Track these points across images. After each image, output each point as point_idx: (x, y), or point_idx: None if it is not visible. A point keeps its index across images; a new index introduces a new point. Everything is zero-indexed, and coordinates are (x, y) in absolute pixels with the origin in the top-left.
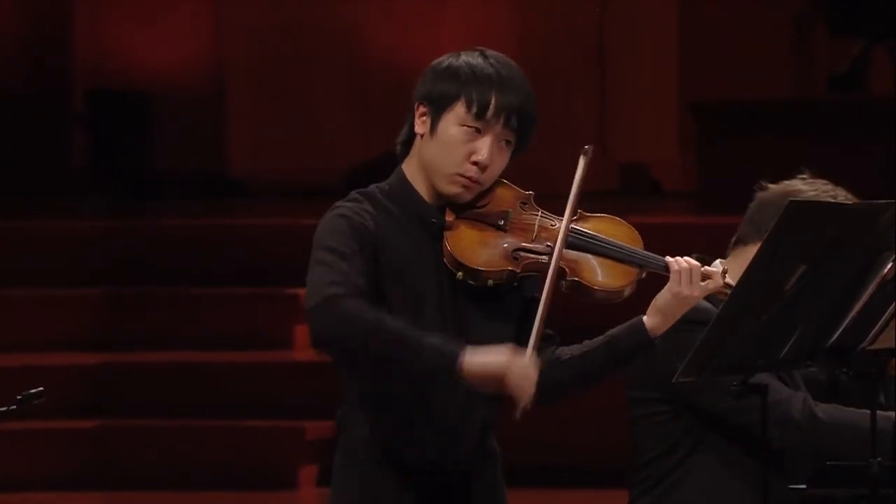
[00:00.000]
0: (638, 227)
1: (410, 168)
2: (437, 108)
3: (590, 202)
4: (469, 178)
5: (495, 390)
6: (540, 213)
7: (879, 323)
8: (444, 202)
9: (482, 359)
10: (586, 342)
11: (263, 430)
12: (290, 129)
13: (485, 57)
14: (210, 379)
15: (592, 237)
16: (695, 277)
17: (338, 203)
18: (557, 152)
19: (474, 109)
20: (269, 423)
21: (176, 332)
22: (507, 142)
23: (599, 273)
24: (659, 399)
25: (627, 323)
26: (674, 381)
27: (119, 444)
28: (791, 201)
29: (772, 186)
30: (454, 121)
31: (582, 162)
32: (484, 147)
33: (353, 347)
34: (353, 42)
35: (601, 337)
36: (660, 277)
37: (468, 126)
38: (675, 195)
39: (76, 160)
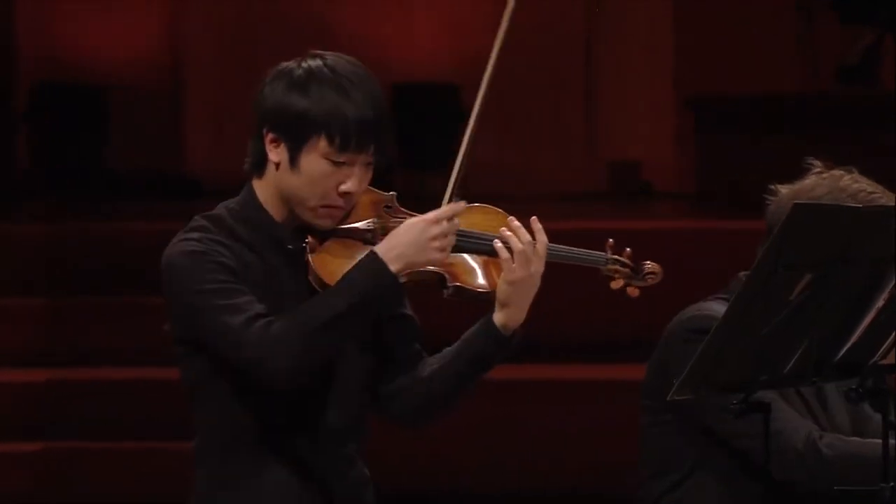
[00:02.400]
0: (628, 232)
1: (263, 190)
2: (295, 143)
3: (576, 205)
4: (337, 208)
5: (430, 256)
6: (406, 216)
7: (892, 336)
8: (301, 223)
9: (396, 242)
10: (445, 350)
11: None
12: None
13: (333, 71)
14: (164, 397)
15: (467, 234)
16: (528, 250)
17: (184, 234)
18: (542, 151)
19: (338, 143)
20: None
21: (127, 345)
22: (373, 163)
23: (480, 274)
24: (666, 409)
25: (478, 323)
26: (668, 398)
27: (64, 468)
28: (796, 204)
29: (782, 188)
30: (317, 154)
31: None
32: (352, 178)
33: (319, 359)
34: (320, 34)
35: (457, 343)
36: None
37: (333, 160)
38: (669, 197)
39: (20, 159)
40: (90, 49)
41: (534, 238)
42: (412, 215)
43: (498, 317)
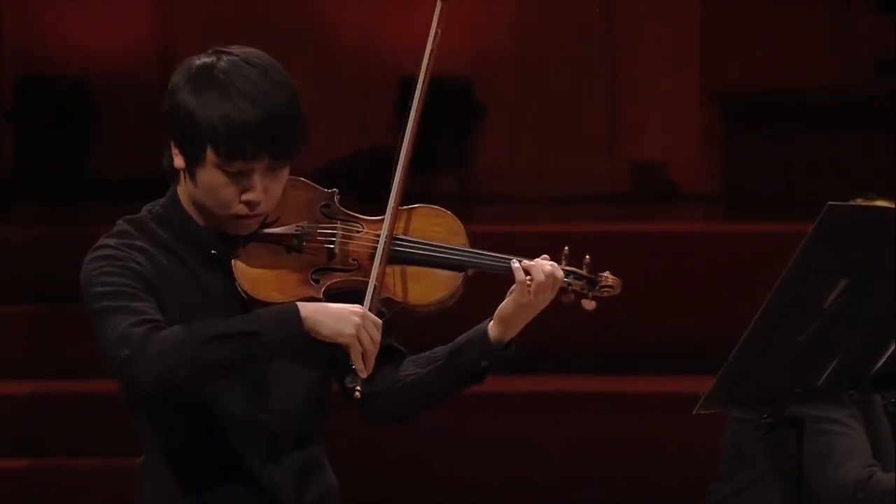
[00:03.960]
0: (653, 236)
1: (183, 192)
2: (188, 154)
3: (596, 207)
4: (249, 217)
5: (340, 340)
6: (342, 218)
7: None
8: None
9: (324, 311)
10: (432, 353)
11: None
12: None
13: (226, 73)
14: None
15: (406, 242)
16: (546, 281)
17: (103, 239)
18: (560, 150)
19: (224, 154)
20: None
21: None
22: (282, 167)
23: (416, 285)
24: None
25: (470, 333)
26: (694, 412)
27: (52, 486)
28: (830, 205)
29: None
30: (210, 165)
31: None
32: (252, 185)
33: (188, 376)
34: (320, 27)
35: (446, 349)
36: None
37: (225, 171)
38: (696, 199)
39: (3, 159)
40: (78, 42)
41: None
42: (351, 217)
43: (494, 330)
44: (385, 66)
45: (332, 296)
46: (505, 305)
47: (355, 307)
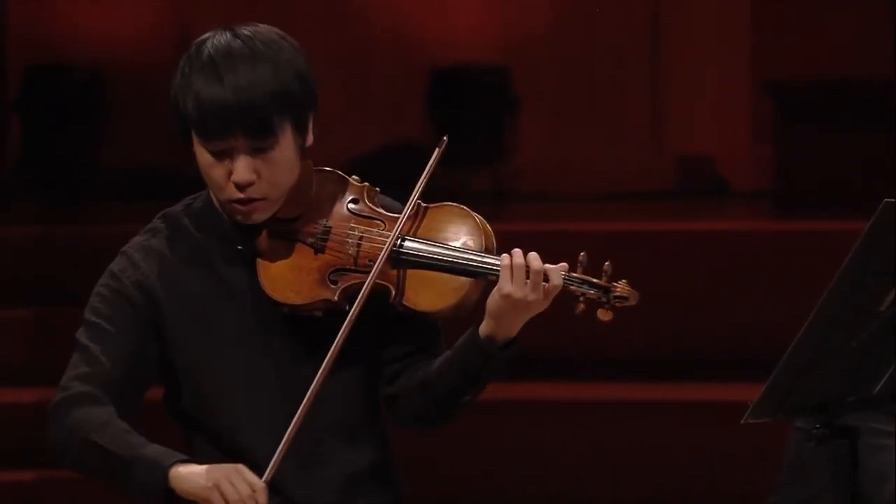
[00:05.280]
0: (701, 234)
1: None
2: (185, 140)
3: (641, 205)
4: (246, 202)
5: (200, 494)
6: (368, 215)
7: None
8: (255, 224)
9: (191, 475)
10: (440, 361)
11: None
12: None
13: (216, 49)
14: (165, 419)
15: (418, 249)
16: (532, 277)
17: (131, 241)
18: (601, 144)
19: (199, 131)
20: None
21: None
22: (267, 148)
23: (427, 291)
24: None
25: (464, 335)
26: (742, 421)
27: (58, 499)
28: (886, 202)
29: None
30: (198, 146)
31: (435, 155)
32: (237, 166)
33: (72, 465)
34: (348, 15)
35: (446, 353)
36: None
37: (209, 150)
38: (747, 196)
39: (9, 152)
40: (88, 31)
41: (547, 276)
42: (377, 214)
43: (483, 327)
44: (416, 56)
45: (350, 297)
46: (489, 300)
47: (224, 469)
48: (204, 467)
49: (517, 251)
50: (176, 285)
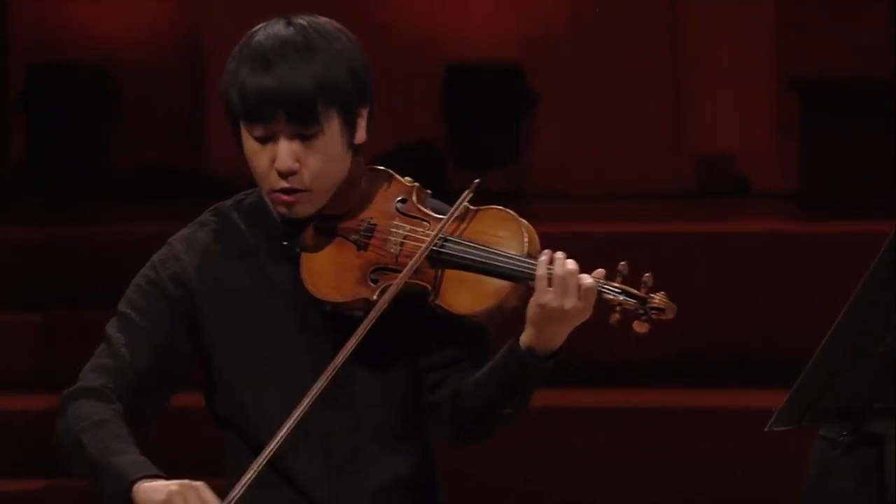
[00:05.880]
0: (722, 236)
1: None
2: (233, 123)
3: (661, 205)
4: (283, 191)
5: None
6: (414, 215)
7: None
8: (302, 219)
9: (151, 488)
10: (481, 372)
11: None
12: None
13: (267, 36)
14: (178, 425)
15: (460, 246)
16: (567, 285)
17: (178, 233)
18: (621, 142)
19: (242, 116)
20: None
21: None
22: (310, 135)
23: (463, 292)
24: None
25: (505, 345)
26: (767, 428)
27: None
28: None
29: None
30: (245, 133)
31: (467, 194)
32: (279, 152)
33: (65, 456)
34: (361, 7)
35: (489, 363)
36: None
37: (254, 136)
38: (769, 196)
39: (14, 151)
40: (95, 26)
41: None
42: (424, 215)
43: (524, 337)
44: (430, 53)
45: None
46: (528, 309)
47: (193, 485)
48: (168, 483)
49: (557, 256)
50: (217, 280)
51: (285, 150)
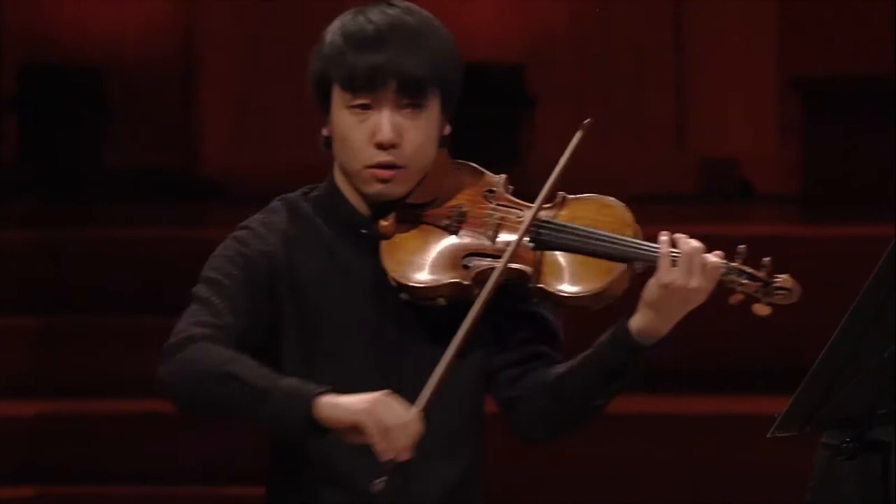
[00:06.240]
0: (725, 239)
1: (337, 171)
2: (324, 103)
3: (662, 207)
4: (381, 167)
5: (357, 441)
6: (505, 205)
7: None
8: (379, 207)
9: (340, 400)
10: (575, 359)
11: (241, 500)
12: (278, 118)
13: (355, 15)
14: (174, 434)
15: (561, 228)
16: (694, 262)
17: (250, 218)
18: (624, 145)
19: (346, 84)
20: (247, 490)
21: (130, 373)
22: (416, 106)
23: (570, 274)
24: None
25: (610, 328)
26: (769, 435)
27: None
28: None
29: None
30: (340, 106)
31: (577, 137)
32: (381, 122)
33: (191, 396)
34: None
35: (587, 350)
36: None
37: (353, 106)
38: (773, 199)
39: (6, 152)
40: (88, 26)
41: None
42: (515, 203)
43: (636, 321)
44: None
45: (481, 283)
46: (647, 289)
47: (372, 396)
48: (354, 399)
49: (678, 236)
50: (295, 264)
51: (389, 123)
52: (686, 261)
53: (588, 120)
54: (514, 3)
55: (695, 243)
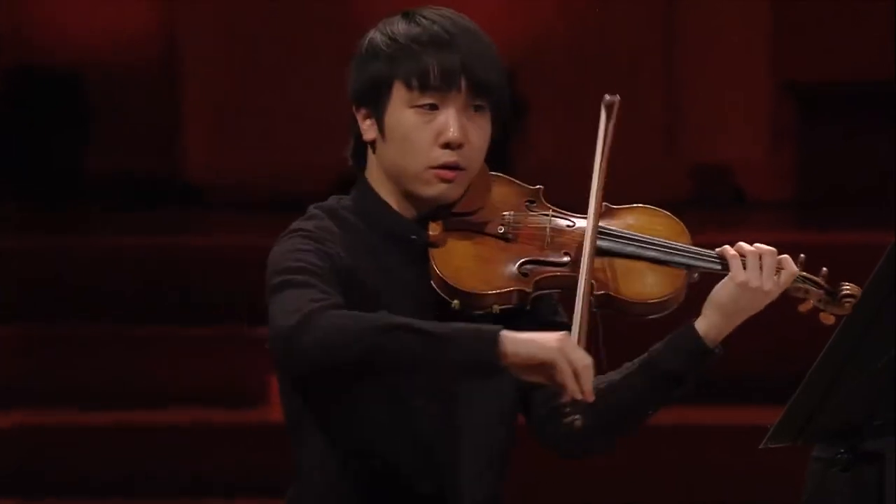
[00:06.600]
0: (718, 246)
1: (375, 180)
2: (377, 103)
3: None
4: (446, 167)
5: (543, 378)
6: (552, 213)
7: None
8: (424, 213)
9: (527, 336)
10: (626, 365)
11: None
12: (262, 123)
13: (409, 18)
14: (158, 446)
15: (622, 236)
16: (766, 263)
17: (294, 223)
18: (616, 151)
19: (415, 82)
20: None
21: (115, 384)
22: (478, 107)
23: (635, 281)
24: None
25: (674, 332)
26: (761, 446)
27: None
28: None
29: None
30: (401, 106)
31: (603, 119)
32: (449, 121)
33: (356, 358)
34: (351, 11)
35: (643, 356)
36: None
37: (419, 106)
38: (766, 206)
39: None
40: (69, 29)
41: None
42: (558, 211)
43: (703, 324)
44: None
45: (542, 290)
46: (720, 288)
47: (557, 334)
48: (532, 333)
49: (742, 244)
50: (351, 266)
51: (457, 123)
52: (757, 262)
53: (610, 97)
54: (505, 7)
55: (769, 250)
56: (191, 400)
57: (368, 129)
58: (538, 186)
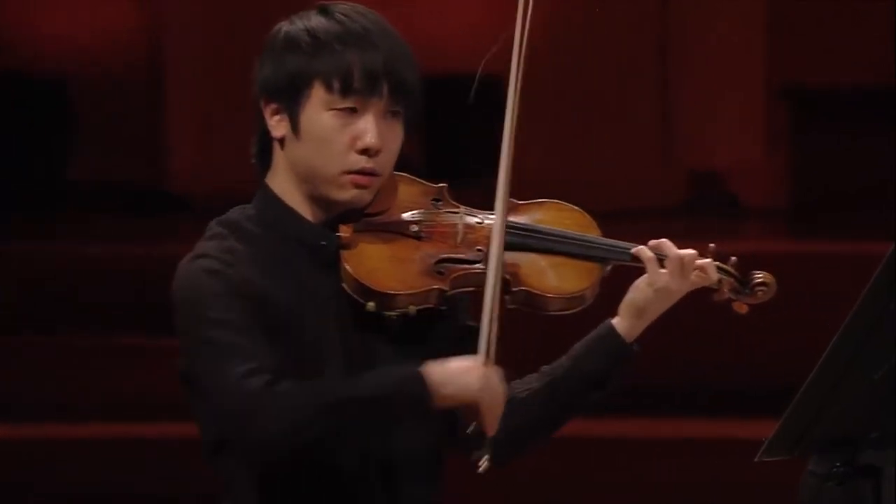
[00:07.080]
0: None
1: (277, 182)
2: (291, 100)
3: (646, 223)
4: (363, 173)
5: (467, 397)
6: (462, 210)
7: None
8: (332, 218)
9: (451, 377)
10: (544, 369)
11: None
12: (247, 130)
13: (327, 13)
14: (131, 460)
15: (535, 231)
16: (687, 267)
17: (198, 246)
18: (606, 157)
19: (337, 84)
20: None
21: (85, 397)
22: (394, 112)
23: (552, 276)
24: None
25: (592, 333)
26: (757, 458)
27: None
28: None
29: None
30: (319, 107)
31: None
32: (368, 127)
33: (314, 439)
34: None
35: (563, 358)
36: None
37: (338, 109)
38: (761, 213)
39: None
40: (51, 33)
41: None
42: (467, 209)
43: (622, 325)
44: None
45: (459, 288)
46: (635, 292)
47: (473, 359)
48: (454, 367)
49: (658, 241)
50: (260, 283)
51: (376, 130)
52: (679, 268)
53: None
54: (490, 13)
55: (680, 250)
56: (179, 410)
57: (277, 126)
58: (442, 184)
